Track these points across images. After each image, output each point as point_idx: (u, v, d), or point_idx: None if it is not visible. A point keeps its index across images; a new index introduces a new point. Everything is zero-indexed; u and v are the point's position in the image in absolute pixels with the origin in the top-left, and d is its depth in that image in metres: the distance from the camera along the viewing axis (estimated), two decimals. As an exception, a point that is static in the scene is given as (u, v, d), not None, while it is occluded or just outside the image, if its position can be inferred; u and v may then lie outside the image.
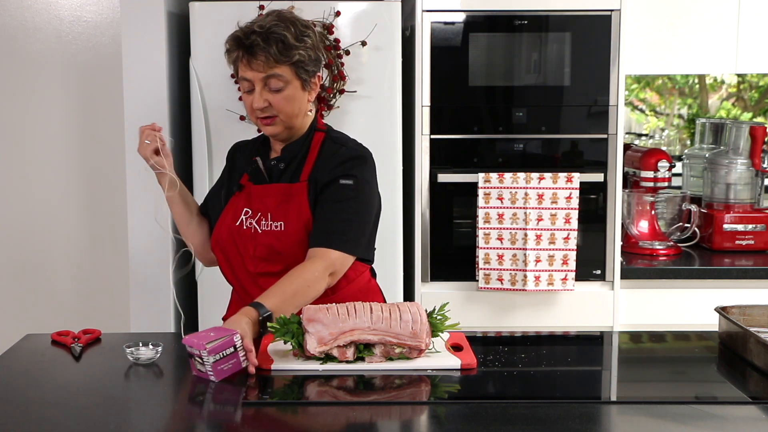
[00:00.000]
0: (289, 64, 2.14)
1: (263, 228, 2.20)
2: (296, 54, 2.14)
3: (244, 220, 2.22)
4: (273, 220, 2.19)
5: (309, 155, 2.23)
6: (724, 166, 3.46)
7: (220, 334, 1.88)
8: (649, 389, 1.95)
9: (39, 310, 3.56)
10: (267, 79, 2.14)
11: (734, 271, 3.17)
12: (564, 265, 3.07)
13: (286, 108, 2.17)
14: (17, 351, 2.11)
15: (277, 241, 2.18)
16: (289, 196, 2.19)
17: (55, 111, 3.51)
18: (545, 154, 3.15)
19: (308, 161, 2.23)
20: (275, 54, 2.12)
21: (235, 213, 2.24)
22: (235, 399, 1.78)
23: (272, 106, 2.16)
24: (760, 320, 2.18)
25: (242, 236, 2.22)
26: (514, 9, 3.07)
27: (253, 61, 2.13)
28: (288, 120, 2.19)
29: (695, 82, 5.38)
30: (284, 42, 2.12)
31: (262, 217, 2.21)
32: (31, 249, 3.57)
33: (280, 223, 2.18)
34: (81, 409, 1.74)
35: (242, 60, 2.15)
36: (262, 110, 2.16)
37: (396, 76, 3.03)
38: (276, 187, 2.21)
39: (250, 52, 2.13)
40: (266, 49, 2.11)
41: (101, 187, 3.53)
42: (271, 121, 2.18)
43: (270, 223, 2.20)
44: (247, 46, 2.13)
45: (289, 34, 2.14)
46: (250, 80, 2.15)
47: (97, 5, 3.47)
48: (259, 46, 2.11)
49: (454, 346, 2.06)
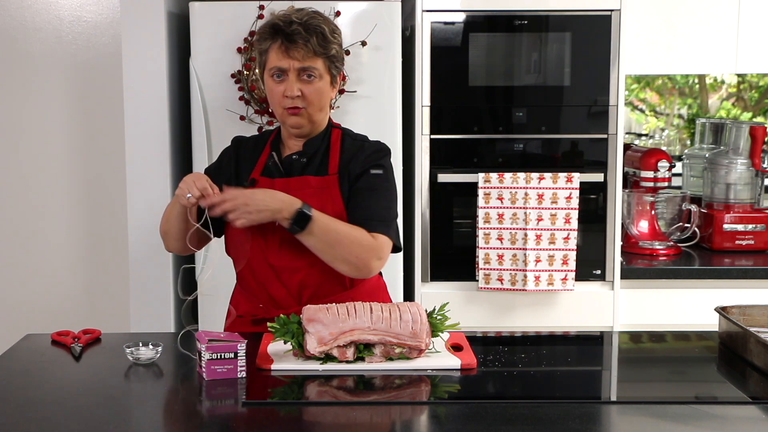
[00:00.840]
0: (325, 58, 2.18)
1: None
2: (332, 48, 2.18)
3: None
4: None
5: (331, 150, 2.26)
6: (724, 166, 3.46)
7: (228, 338, 1.89)
8: (649, 389, 1.95)
9: (39, 310, 3.56)
10: (302, 70, 2.16)
11: (734, 271, 3.17)
12: (564, 265, 3.07)
13: (316, 100, 2.19)
14: (17, 351, 2.11)
15: None
16: (320, 189, 2.21)
17: (55, 111, 3.51)
18: (545, 154, 3.15)
19: (332, 155, 2.25)
20: (314, 45, 2.14)
21: None
22: (235, 399, 1.78)
23: (303, 96, 2.17)
24: (760, 320, 2.18)
25: (263, 230, 2.19)
26: (514, 9, 3.07)
27: (293, 50, 2.14)
28: (314, 113, 2.21)
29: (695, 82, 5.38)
30: (324, 35, 2.16)
31: None
32: (31, 249, 3.57)
33: None
34: (81, 409, 1.74)
35: (280, 48, 2.15)
36: (293, 99, 2.17)
37: (396, 76, 3.03)
38: (305, 180, 2.22)
39: (290, 40, 2.14)
40: (308, 39, 2.14)
41: (101, 187, 3.53)
42: (298, 111, 2.19)
43: None
44: (287, 33, 2.13)
45: (327, 28, 2.18)
46: (284, 69, 2.16)
47: (97, 5, 3.47)
48: (300, 35, 2.13)
49: (454, 346, 2.06)
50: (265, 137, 2.35)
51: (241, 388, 1.82)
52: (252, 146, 2.34)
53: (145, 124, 3.05)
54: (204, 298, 3.07)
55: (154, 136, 3.05)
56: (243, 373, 1.88)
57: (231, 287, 2.40)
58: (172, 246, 2.30)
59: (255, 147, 2.33)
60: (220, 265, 2.46)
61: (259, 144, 2.34)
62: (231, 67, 3.00)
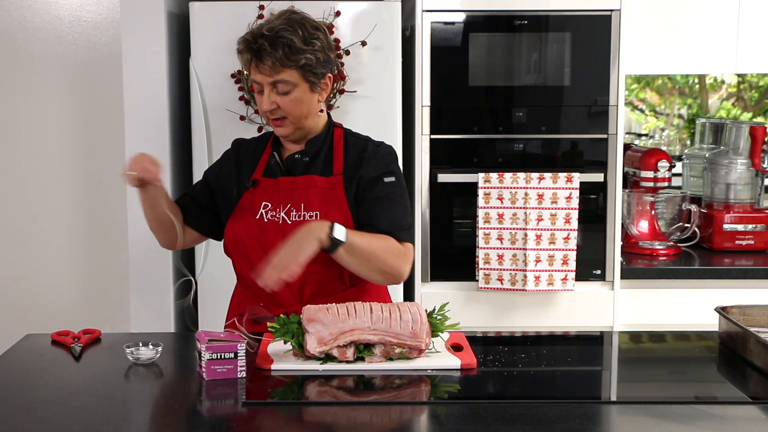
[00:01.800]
0: (296, 68, 2.17)
1: (294, 219, 2.20)
2: (302, 58, 2.16)
3: (264, 213, 2.22)
4: (306, 211, 2.21)
5: (335, 150, 2.27)
6: (724, 166, 3.46)
7: (228, 338, 1.90)
8: (649, 389, 1.95)
9: (39, 310, 3.56)
10: (274, 83, 2.17)
11: (734, 271, 3.17)
12: (564, 265, 3.07)
13: (294, 110, 2.20)
14: (17, 351, 2.11)
15: None
16: (325, 189, 2.22)
17: (55, 111, 3.51)
18: (545, 154, 3.15)
19: (336, 155, 2.27)
20: (281, 58, 2.14)
21: (253, 207, 2.23)
22: (235, 399, 1.78)
23: (280, 108, 2.19)
24: (760, 320, 2.18)
25: (266, 229, 2.21)
26: (514, 9, 3.07)
27: (261, 65, 2.16)
28: (297, 121, 2.22)
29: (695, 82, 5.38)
30: (290, 46, 2.14)
31: (292, 208, 2.21)
32: (31, 249, 3.57)
33: (316, 213, 2.20)
34: (81, 409, 1.74)
35: (251, 63, 2.18)
36: (272, 112, 2.20)
37: (396, 76, 3.03)
38: (311, 179, 2.23)
39: (257, 56, 2.16)
40: (273, 54, 2.14)
41: (101, 187, 3.53)
42: (281, 123, 2.22)
43: (303, 213, 2.21)
44: (255, 50, 2.16)
45: (297, 38, 2.15)
46: (259, 83, 2.20)
47: (97, 5, 3.47)
48: (266, 50, 2.14)
49: (454, 346, 2.06)
50: (266, 138, 2.36)
51: (241, 388, 1.82)
52: (253, 147, 2.34)
53: (145, 124, 3.05)
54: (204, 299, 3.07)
55: (154, 136, 3.05)
56: (243, 373, 1.88)
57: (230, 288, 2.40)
58: (159, 239, 2.36)
59: (256, 148, 2.34)
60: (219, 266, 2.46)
61: (259, 145, 2.34)
62: (231, 67, 3.00)
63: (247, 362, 1.90)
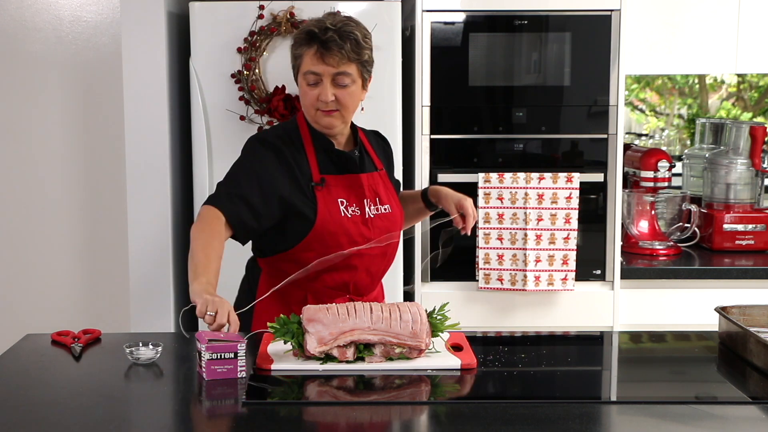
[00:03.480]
0: (358, 63, 2.24)
1: (374, 213, 2.32)
2: (365, 53, 2.25)
3: (344, 210, 2.27)
4: (381, 204, 2.34)
5: (367, 147, 2.41)
6: (724, 166, 3.46)
7: (228, 338, 1.90)
8: (649, 389, 1.95)
9: (39, 310, 3.56)
10: (337, 75, 2.21)
11: (734, 271, 3.17)
12: (564, 265, 3.07)
13: (350, 103, 2.26)
14: (17, 351, 2.11)
15: (390, 223, 2.36)
16: (383, 183, 2.39)
17: (55, 111, 3.51)
18: (545, 154, 3.15)
19: (371, 152, 2.42)
20: (348, 51, 2.20)
21: (332, 205, 2.26)
22: (235, 399, 1.78)
23: (338, 100, 2.23)
24: (760, 320, 2.18)
25: (354, 224, 2.27)
26: (514, 9, 3.07)
27: (328, 56, 2.19)
28: (348, 115, 2.29)
29: (695, 82, 5.39)
30: (357, 41, 2.22)
31: (370, 202, 2.32)
32: (31, 249, 3.57)
33: (387, 206, 2.36)
34: (81, 409, 1.74)
35: (315, 54, 2.20)
36: (328, 103, 2.23)
37: (396, 76, 3.03)
38: (375, 175, 2.37)
39: (325, 47, 2.19)
40: (342, 46, 2.19)
41: (101, 187, 3.53)
42: (332, 113, 2.25)
43: (379, 207, 2.34)
44: (323, 41, 2.19)
45: (360, 34, 2.23)
46: (319, 74, 2.22)
47: (97, 5, 3.47)
48: (335, 42, 2.19)
49: (454, 346, 2.06)
50: (291, 135, 2.31)
51: (241, 388, 1.82)
52: (289, 145, 2.28)
53: (145, 124, 3.05)
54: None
55: (154, 136, 3.05)
56: (243, 373, 1.88)
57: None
58: None
59: (294, 145, 2.29)
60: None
61: (293, 141, 2.30)
62: (231, 67, 3.00)
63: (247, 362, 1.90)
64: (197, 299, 1.96)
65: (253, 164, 2.25)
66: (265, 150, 2.27)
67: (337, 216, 2.26)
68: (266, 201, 2.22)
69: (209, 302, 1.94)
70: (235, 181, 2.24)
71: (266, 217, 2.22)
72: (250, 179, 2.23)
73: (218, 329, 1.93)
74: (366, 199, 2.31)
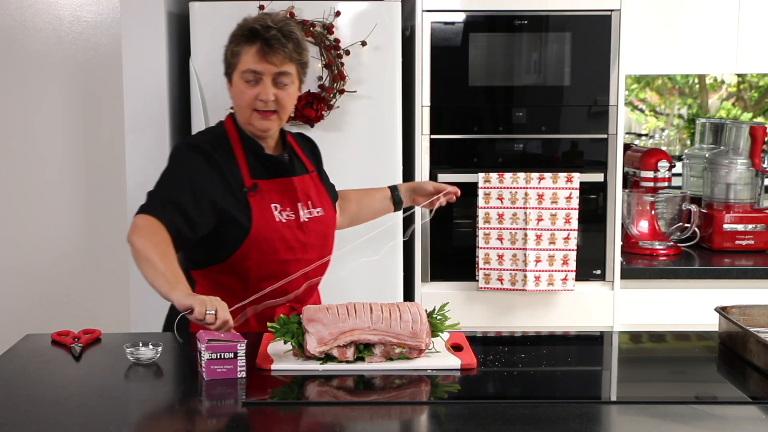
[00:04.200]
0: (298, 64, 2.22)
1: (307, 216, 2.28)
2: (305, 55, 2.24)
3: (278, 214, 2.24)
4: (314, 207, 2.31)
5: (296, 149, 2.37)
6: (724, 166, 3.46)
7: (228, 338, 1.90)
8: (649, 389, 1.95)
9: (39, 310, 3.56)
10: (278, 75, 2.18)
11: (734, 271, 3.17)
12: (564, 265, 3.07)
13: (288, 105, 2.24)
14: (17, 351, 2.11)
15: (324, 226, 2.34)
16: (315, 185, 2.35)
17: (55, 111, 3.51)
18: (545, 154, 3.15)
19: (299, 153, 2.37)
20: (291, 51, 2.18)
21: (266, 211, 2.22)
22: (235, 399, 1.78)
23: (277, 100, 2.20)
24: (760, 320, 2.18)
25: (289, 229, 2.24)
26: (514, 9, 3.07)
27: (270, 55, 2.16)
28: (284, 116, 2.26)
29: (695, 82, 5.39)
30: (298, 41, 2.20)
31: (303, 206, 2.28)
32: (31, 249, 3.56)
33: (320, 209, 2.33)
34: (81, 409, 1.74)
35: (258, 52, 2.16)
36: (266, 103, 2.19)
37: (396, 76, 3.03)
38: (307, 178, 2.33)
39: (268, 45, 2.16)
40: (285, 45, 2.17)
41: (101, 186, 3.53)
42: (270, 116, 2.22)
43: (312, 210, 2.30)
44: (266, 38, 2.16)
45: (300, 34, 2.22)
46: (260, 72, 2.18)
47: (97, 5, 3.47)
48: (279, 41, 2.16)
49: (454, 346, 2.06)
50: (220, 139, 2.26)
51: (241, 388, 1.82)
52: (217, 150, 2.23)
53: (145, 124, 3.05)
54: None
55: (154, 136, 3.05)
56: (243, 373, 1.88)
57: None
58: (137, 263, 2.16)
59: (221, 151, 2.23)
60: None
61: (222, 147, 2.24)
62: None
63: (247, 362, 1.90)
64: (191, 302, 1.91)
65: (184, 170, 2.20)
66: (194, 155, 2.21)
67: (272, 221, 2.21)
68: (200, 208, 2.15)
69: (207, 302, 1.91)
70: (167, 188, 2.18)
71: (201, 224, 2.15)
72: (182, 186, 2.16)
73: (222, 327, 1.92)
74: (299, 202, 2.27)
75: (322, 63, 2.96)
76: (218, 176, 2.19)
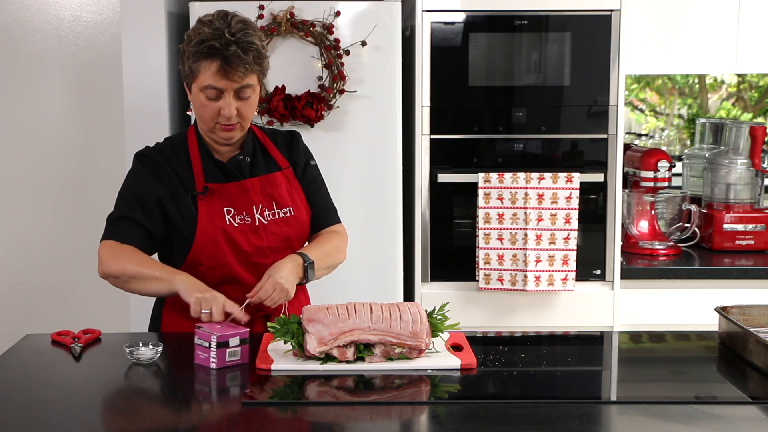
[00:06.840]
0: (259, 72, 2.17)
1: (268, 219, 2.23)
2: (266, 61, 2.18)
3: (231, 219, 2.20)
4: (279, 208, 2.25)
5: (267, 146, 2.31)
6: (724, 166, 3.46)
7: (230, 328, 1.96)
8: (649, 389, 1.95)
9: (39, 310, 3.56)
10: (240, 89, 2.13)
11: (734, 271, 3.17)
12: (564, 265, 3.07)
13: (250, 114, 2.20)
14: (17, 351, 2.11)
15: (290, 227, 2.26)
16: (286, 184, 2.28)
17: (55, 111, 3.51)
18: (545, 154, 3.15)
19: (272, 151, 2.31)
20: (251, 64, 2.11)
21: (215, 215, 2.19)
22: (235, 399, 1.79)
23: (239, 113, 2.16)
24: (760, 320, 2.18)
25: (242, 233, 2.20)
26: (514, 9, 3.07)
27: (231, 73, 2.09)
28: (247, 124, 2.22)
29: (695, 82, 5.39)
30: (258, 50, 2.13)
31: (264, 208, 2.23)
32: (30, 249, 3.57)
33: (288, 209, 2.26)
34: (81, 409, 1.74)
35: (219, 70, 2.09)
36: (229, 119, 2.15)
37: (396, 76, 3.03)
38: (273, 177, 2.26)
39: (228, 63, 2.08)
40: (245, 60, 2.10)
41: (101, 186, 3.53)
42: (233, 127, 2.18)
43: (277, 211, 2.25)
44: (226, 56, 2.08)
45: (258, 41, 2.15)
46: (220, 89, 2.12)
47: (97, 5, 3.47)
48: (239, 57, 2.08)
49: (454, 346, 2.06)
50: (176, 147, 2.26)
51: (241, 388, 1.82)
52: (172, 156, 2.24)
53: (145, 123, 3.05)
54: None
55: (154, 136, 3.02)
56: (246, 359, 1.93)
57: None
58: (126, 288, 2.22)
59: (176, 156, 2.24)
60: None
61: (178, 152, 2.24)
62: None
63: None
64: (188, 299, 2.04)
65: (130, 184, 2.25)
66: (141, 166, 2.25)
67: (221, 225, 2.19)
68: (150, 217, 2.20)
69: (203, 300, 2.02)
70: (117, 207, 2.25)
71: (154, 231, 2.20)
72: (129, 200, 2.22)
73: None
74: (257, 205, 2.22)
75: (322, 63, 2.96)
76: (166, 183, 2.21)
